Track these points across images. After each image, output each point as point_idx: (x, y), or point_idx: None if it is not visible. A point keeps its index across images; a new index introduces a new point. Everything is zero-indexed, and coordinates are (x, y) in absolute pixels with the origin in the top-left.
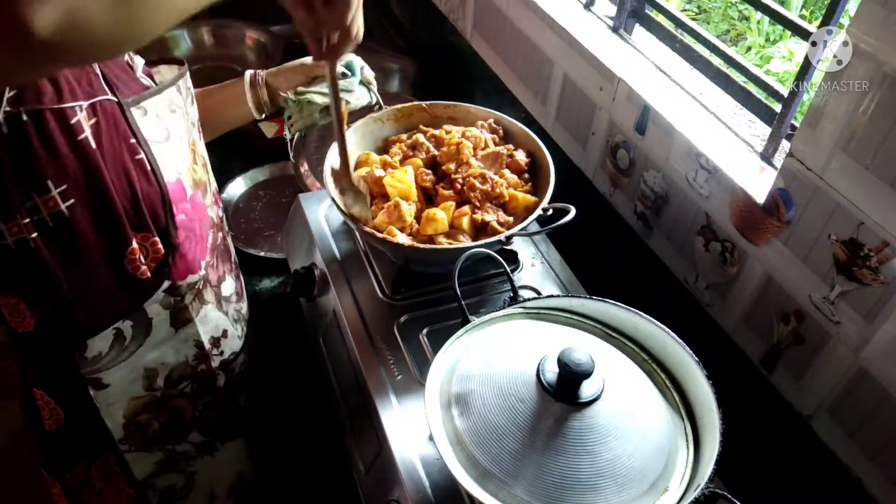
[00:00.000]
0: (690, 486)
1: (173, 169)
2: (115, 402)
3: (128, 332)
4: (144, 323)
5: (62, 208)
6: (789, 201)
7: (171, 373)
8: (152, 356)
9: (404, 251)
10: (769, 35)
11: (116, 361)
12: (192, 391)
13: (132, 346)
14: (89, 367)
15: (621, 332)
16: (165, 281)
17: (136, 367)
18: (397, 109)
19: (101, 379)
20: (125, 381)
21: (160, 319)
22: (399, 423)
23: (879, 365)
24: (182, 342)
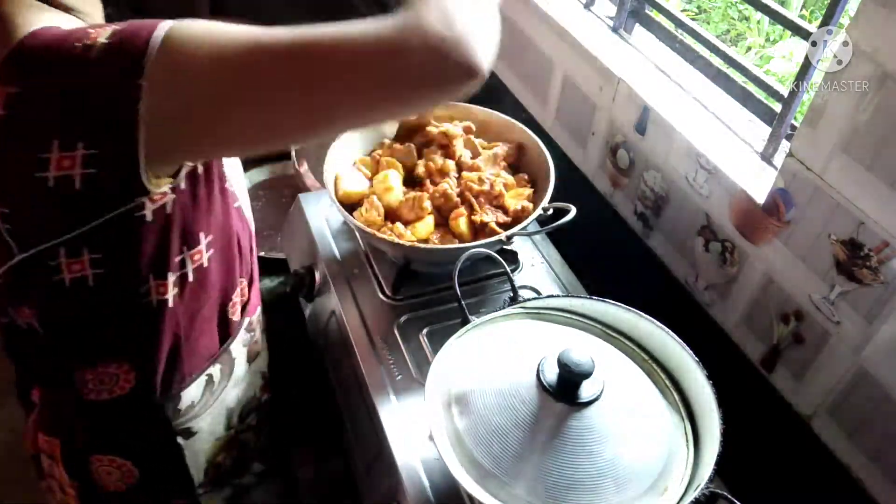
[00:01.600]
0: (690, 486)
1: (247, 206)
2: (201, 449)
3: (216, 376)
4: (230, 364)
5: (204, 260)
6: (789, 201)
7: (244, 408)
8: (233, 395)
9: (404, 251)
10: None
11: (206, 407)
12: (258, 423)
13: (219, 389)
14: (182, 419)
15: (621, 332)
16: (247, 318)
17: (220, 409)
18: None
19: (192, 428)
20: (213, 424)
21: (241, 358)
22: (399, 423)
23: (879, 365)
24: (253, 375)
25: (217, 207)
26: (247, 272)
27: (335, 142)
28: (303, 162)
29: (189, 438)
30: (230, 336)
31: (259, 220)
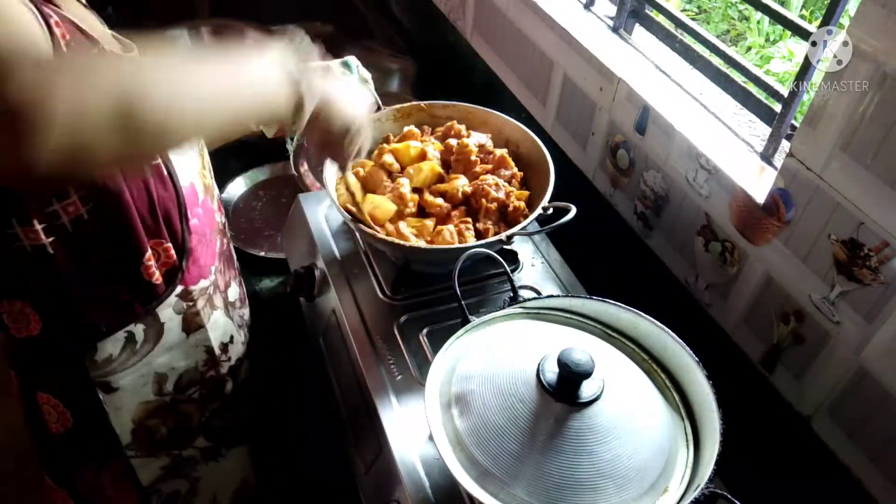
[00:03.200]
0: (690, 486)
1: (187, 174)
2: (124, 407)
3: (139, 336)
4: (156, 327)
5: (82, 212)
6: (789, 201)
7: (181, 378)
8: (163, 360)
9: (404, 251)
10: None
11: (126, 365)
12: (201, 397)
13: (143, 349)
14: (99, 371)
15: (621, 332)
16: (179, 286)
17: (146, 372)
18: (396, 109)
19: (111, 382)
20: (135, 385)
21: (172, 324)
22: (399, 423)
23: (879, 365)
24: (193, 347)
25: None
26: (170, 237)
27: None
28: (303, 162)
29: (110, 393)
30: (154, 298)
31: (259, 220)
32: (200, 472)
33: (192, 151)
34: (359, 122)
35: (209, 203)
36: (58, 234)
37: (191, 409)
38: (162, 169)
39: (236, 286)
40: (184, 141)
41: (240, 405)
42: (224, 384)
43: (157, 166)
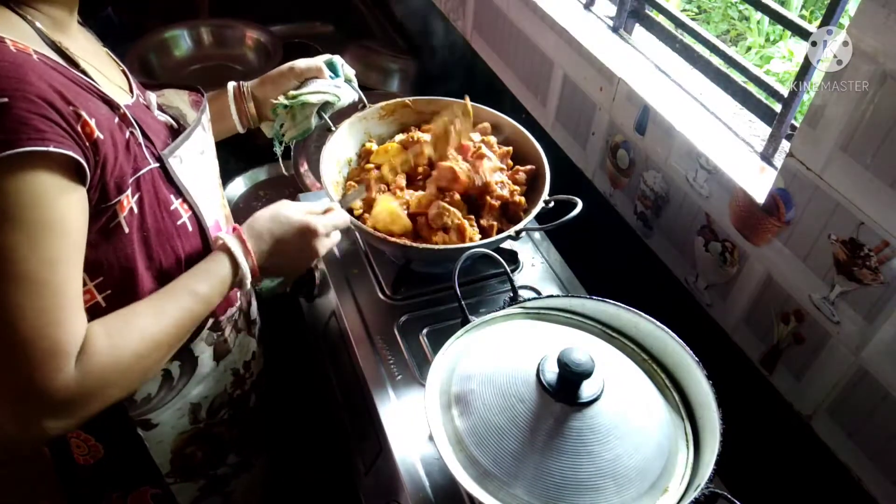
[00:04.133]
0: (690, 486)
1: (211, 213)
2: (164, 440)
3: (175, 373)
4: (191, 362)
5: (99, 300)
6: (789, 201)
7: (213, 403)
8: (197, 391)
9: (404, 251)
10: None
11: (165, 401)
12: (230, 417)
13: (179, 384)
14: (138, 410)
15: (621, 332)
16: (210, 319)
17: (182, 405)
18: (382, 107)
19: (151, 420)
20: (173, 418)
21: (205, 356)
22: (399, 423)
23: (879, 365)
24: (222, 373)
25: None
26: None
27: (327, 144)
28: (303, 162)
29: (149, 430)
30: (191, 338)
31: None
32: (233, 486)
33: (214, 186)
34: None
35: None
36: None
37: (222, 431)
38: (188, 226)
39: (254, 301)
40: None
41: (264, 414)
42: (249, 399)
43: (184, 226)
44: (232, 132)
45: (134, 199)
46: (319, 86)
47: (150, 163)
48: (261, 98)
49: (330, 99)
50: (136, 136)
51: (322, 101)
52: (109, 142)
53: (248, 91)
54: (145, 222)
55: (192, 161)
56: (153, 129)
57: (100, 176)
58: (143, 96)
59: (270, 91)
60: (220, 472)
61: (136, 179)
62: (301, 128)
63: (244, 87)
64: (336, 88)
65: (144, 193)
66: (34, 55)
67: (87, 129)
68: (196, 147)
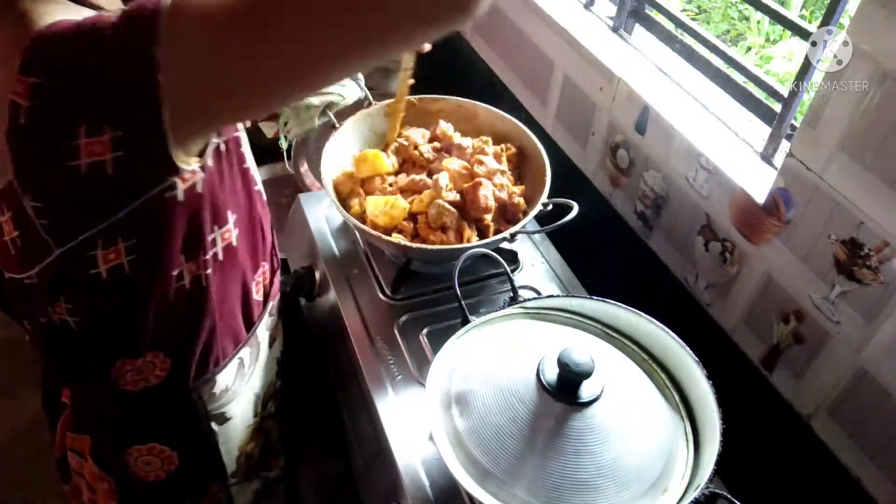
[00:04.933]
0: (690, 486)
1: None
2: (234, 436)
3: (246, 360)
4: (256, 347)
5: (232, 238)
6: (789, 201)
7: (266, 393)
8: (257, 380)
9: (404, 251)
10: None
11: (239, 391)
12: (276, 409)
13: (248, 373)
14: (217, 403)
15: (621, 332)
16: (271, 302)
17: (250, 395)
18: (387, 105)
19: (226, 413)
20: (243, 410)
21: (264, 342)
22: (399, 423)
23: (879, 365)
24: (272, 360)
25: (239, 187)
26: (268, 255)
27: (330, 141)
28: (303, 162)
29: (223, 424)
30: (255, 318)
31: None
32: (280, 492)
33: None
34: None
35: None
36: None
37: (271, 425)
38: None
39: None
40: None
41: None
42: (285, 391)
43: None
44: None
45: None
46: None
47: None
48: None
49: (334, 99)
50: None
51: (325, 103)
52: None
53: None
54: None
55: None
56: None
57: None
58: None
59: None
60: (272, 475)
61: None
62: (305, 127)
63: None
64: (340, 87)
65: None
66: None
67: None
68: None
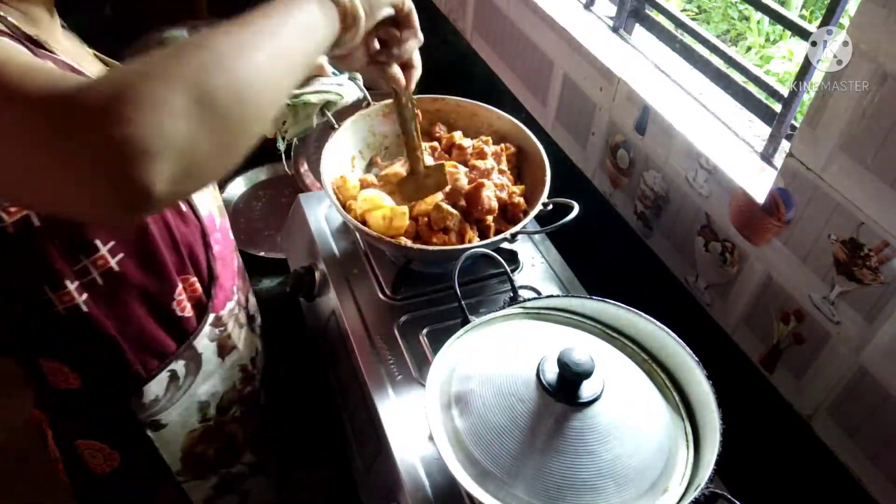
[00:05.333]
0: (690, 486)
1: (204, 203)
2: (173, 440)
3: (181, 371)
4: (195, 360)
5: (112, 265)
6: (789, 201)
7: (222, 400)
8: (204, 389)
9: (404, 251)
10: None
11: (173, 402)
12: (242, 414)
13: (186, 383)
14: (147, 412)
15: (621, 332)
16: (210, 314)
17: (190, 404)
18: (385, 105)
19: (160, 420)
20: (182, 417)
21: (209, 353)
22: (399, 423)
23: (879, 365)
24: (228, 370)
25: None
26: (197, 269)
27: (329, 142)
28: (303, 162)
29: (158, 430)
30: (190, 333)
31: (259, 220)
32: (249, 485)
33: None
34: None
35: (225, 224)
36: (90, 290)
37: (235, 428)
38: (181, 206)
39: (252, 297)
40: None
41: (275, 413)
42: (259, 396)
43: (176, 204)
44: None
45: None
46: (321, 84)
47: None
48: None
49: (332, 98)
50: None
51: (323, 101)
52: None
53: None
54: None
55: None
56: None
57: None
58: None
59: None
60: (234, 470)
61: None
62: (302, 126)
63: None
64: (339, 86)
65: None
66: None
67: None
68: None
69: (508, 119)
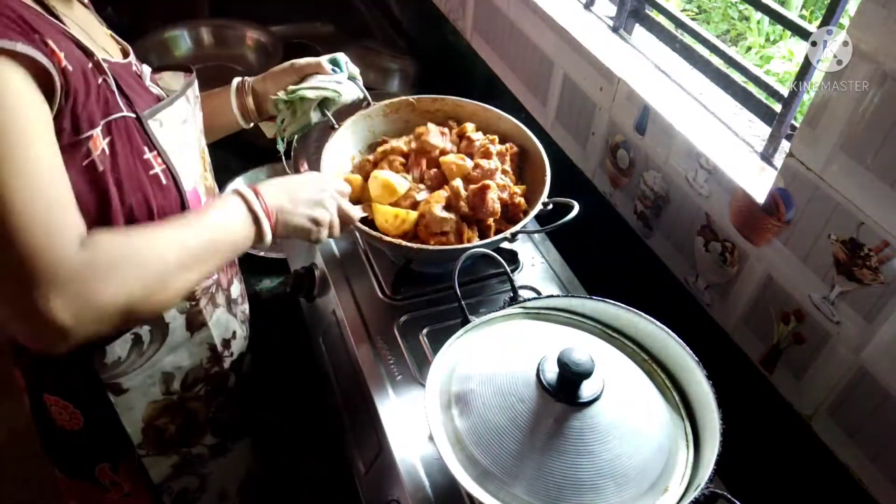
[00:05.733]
0: (690, 486)
1: (189, 179)
2: (135, 407)
3: (146, 337)
4: (161, 328)
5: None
6: (789, 201)
7: (187, 376)
8: (169, 360)
9: (404, 251)
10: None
11: (135, 366)
12: (206, 393)
13: (150, 350)
14: (109, 373)
15: (621, 332)
16: None
17: (153, 372)
18: (386, 105)
19: (121, 384)
20: (144, 385)
21: (177, 324)
22: (399, 423)
23: (879, 365)
24: (197, 345)
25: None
26: None
27: (329, 142)
28: (303, 162)
29: (120, 395)
30: None
31: None
32: (209, 468)
33: (195, 155)
34: (319, 212)
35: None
36: None
37: (197, 406)
38: (161, 179)
39: (237, 283)
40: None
41: (243, 399)
42: (227, 379)
43: (156, 177)
44: (234, 128)
45: (105, 141)
46: (318, 81)
47: (125, 111)
48: (261, 93)
49: (329, 94)
50: (110, 85)
51: (320, 97)
52: (80, 77)
53: (249, 86)
54: (117, 165)
55: (172, 127)
56: (136, 90)
57: (72, 105)
58: (139, 66)
59: (271, 86)
60: (195, 451)
61: (108, 123)
62: (300, 122)
63: (246, 82)
64: (337, 84)
65: (116, 138)
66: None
67: (55, 57)
68: (178, 115)
69: (508, 119)
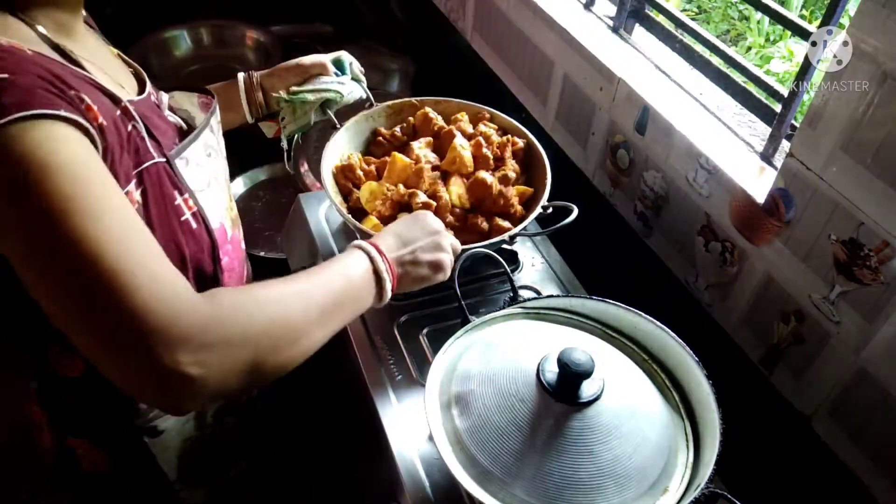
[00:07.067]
0: (690, 486)
1: (216, 214)
2: (170, 447)
3: None
4: None
5: None
6: (789, 201)
7: (219, 409)
8: None
9: None
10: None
11: None
12: (238, 423)
13: None
14: (144, 417)
15: (621, 332)
16: None
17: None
18: (388, 105)
19: (157, 427)
20: (178, 424)
21: None
22: (399, 423)
23: (879, 365)
24: None
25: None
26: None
27: (330, 141)
28: (303, 162)
29: (155, 437)
30: None
31: (259, 220)
32: (243, 494)
33: (222, 188)
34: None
35: (237, 236)
36: None
37: (231, 438)
38: (191, 224)
39: None
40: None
41: (270, 422)
42: (255, 405)
43: (187, 223)
44: (242, 121)
45: (138, 193)
46: (321, 83)
47: (155, 157)
48: (268, 88)
49: (330, 96)
50: (140, 131)
51: (320, 100)
52: (113, 130)
53: (258, 81)
54: (150, 215)
55: (198, 162)
56: (160, 128)
57: (110, 163)
58: (157, 96)
59: (276, 84)
60: (230, 475)
61: (140, 172)
62: (299, 123)
63: (254, 76)
64: (339, 85)
65: (148, 186)
66: (28, 51)
67: (91, 113)
68: (203, 149)
69: (509, 120)
